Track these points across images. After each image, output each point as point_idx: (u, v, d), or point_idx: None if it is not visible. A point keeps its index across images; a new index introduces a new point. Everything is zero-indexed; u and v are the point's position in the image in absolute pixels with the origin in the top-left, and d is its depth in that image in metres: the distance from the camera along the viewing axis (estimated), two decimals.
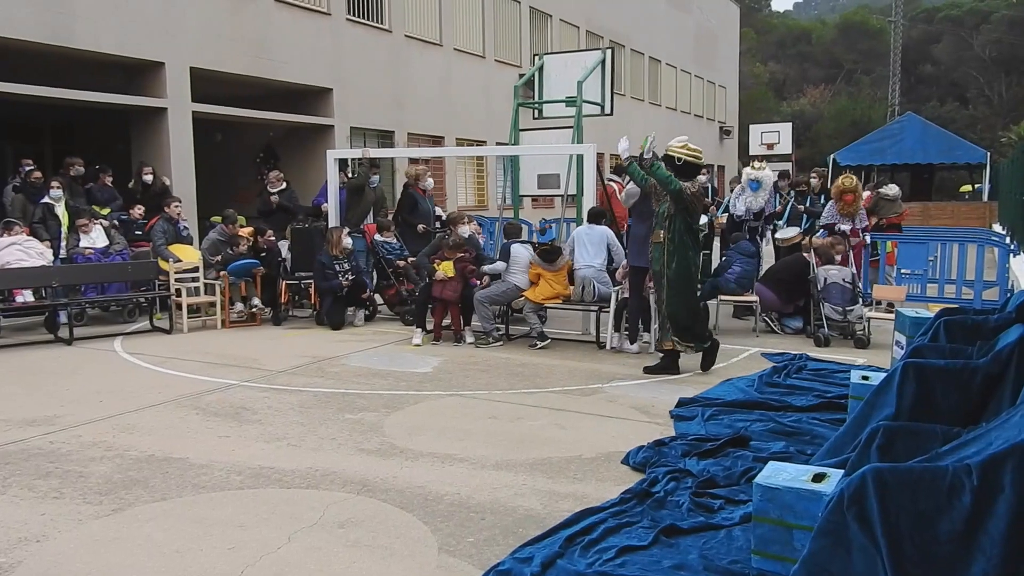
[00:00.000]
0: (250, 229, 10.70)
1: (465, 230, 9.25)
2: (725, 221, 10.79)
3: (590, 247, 8.48)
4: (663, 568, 3.40)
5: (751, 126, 26.22)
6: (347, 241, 9.76)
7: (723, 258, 9.89)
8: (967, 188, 30.52)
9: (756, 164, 10.47)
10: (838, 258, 8.90)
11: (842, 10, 73.30)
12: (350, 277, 9.53)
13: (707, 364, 7.21)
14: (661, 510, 3.99)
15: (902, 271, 9.98)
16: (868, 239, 9.92)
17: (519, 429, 5.49)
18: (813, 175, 11.60)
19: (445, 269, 8.60)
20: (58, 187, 10.45)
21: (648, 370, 7.12)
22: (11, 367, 7.57)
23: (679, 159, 7.10)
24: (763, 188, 10.16)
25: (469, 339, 8.65)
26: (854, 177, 9.85)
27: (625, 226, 8.80)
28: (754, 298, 9.11)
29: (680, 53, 33.36)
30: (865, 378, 5.10)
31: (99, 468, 4.73)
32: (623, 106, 25.74)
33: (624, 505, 4.02)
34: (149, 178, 11.82)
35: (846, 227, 9.35)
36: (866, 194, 10.65)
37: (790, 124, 26.04)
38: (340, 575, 3.42)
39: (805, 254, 8.92)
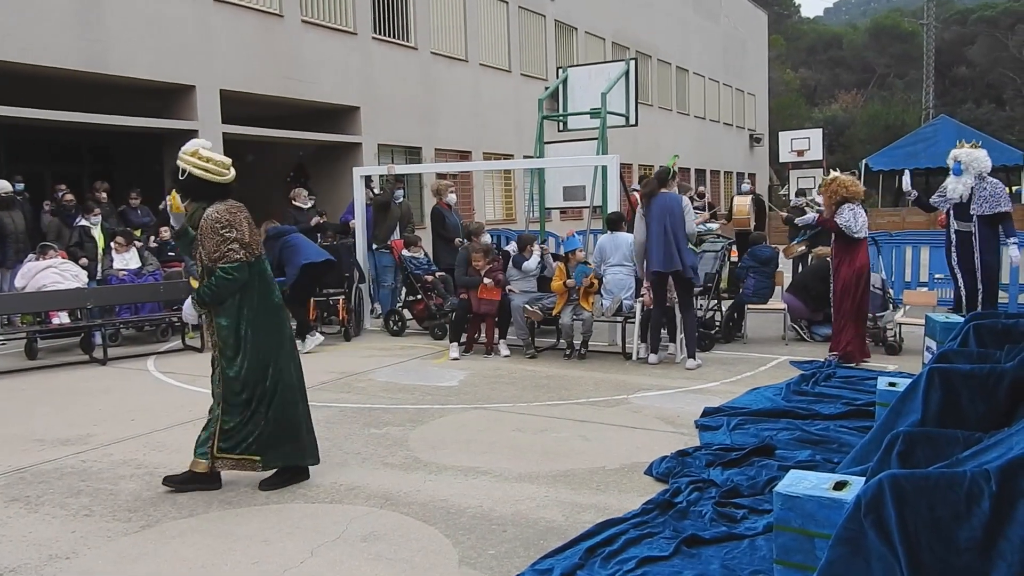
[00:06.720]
0: None
1: (486, 239, 9.26)
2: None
3: (616, 256, 8.46)
4: None
5: (780, 133, 25.96)
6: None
7: (739, 264, 9.72)
8: None
9: (963, 143, 8.64)
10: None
11: (873, 14, 72.61)
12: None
13: (271, 484, 4.70)
14: (683, 520, 3.95)
15: (935, 276, 9.83)
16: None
17: (543, 441, 5.48)
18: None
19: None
20: (98, 212, 10.75)
21: (264, 485, 4.70)
22: (48, 387, 7.73)
23: (183, 171, 4.69)
24: (967, 172, 8.28)
25: (504, 352, 8.66)
26: None
27: None
28: (782, 306, 9.01)
29: (708, 62, 33.23)
30: (892, 384, 5.03)
31: (129, 486, 4.81)
32: (650, 116, 25.68)
33: (646, 516, 3.99)
34: None
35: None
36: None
37: (820, 130, 25.77)
38: None
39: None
